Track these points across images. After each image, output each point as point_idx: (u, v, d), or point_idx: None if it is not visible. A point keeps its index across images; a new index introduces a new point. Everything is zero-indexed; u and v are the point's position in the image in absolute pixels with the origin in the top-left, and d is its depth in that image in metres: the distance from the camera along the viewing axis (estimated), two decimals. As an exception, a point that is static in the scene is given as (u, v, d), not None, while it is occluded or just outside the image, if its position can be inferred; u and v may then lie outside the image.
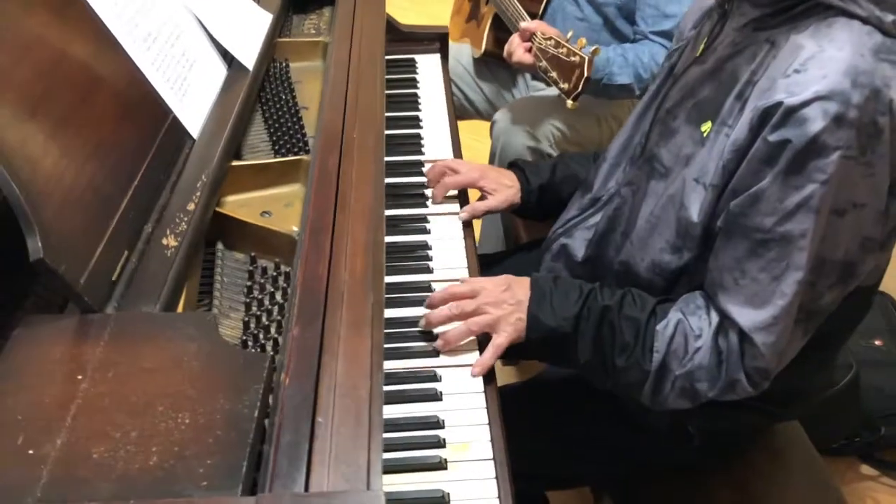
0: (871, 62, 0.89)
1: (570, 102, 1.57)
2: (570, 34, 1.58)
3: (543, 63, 1.62)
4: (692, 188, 1.03)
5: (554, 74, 1.59)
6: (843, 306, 1.03)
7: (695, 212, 1.02)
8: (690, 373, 1.02)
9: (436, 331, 1.10)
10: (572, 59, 1.53)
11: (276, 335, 0.93)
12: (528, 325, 1.07)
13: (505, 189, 1.37)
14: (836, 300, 1.01)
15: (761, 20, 1.01)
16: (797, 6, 0.97)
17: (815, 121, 0.88)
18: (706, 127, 1.04)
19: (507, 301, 1.09)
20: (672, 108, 1.13)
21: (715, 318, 1.02)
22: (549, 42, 1.60)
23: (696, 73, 1.10)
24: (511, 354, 1.12)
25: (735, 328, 0.99)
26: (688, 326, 1.03)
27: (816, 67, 0.90)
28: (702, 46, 1.12)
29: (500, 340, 1.07)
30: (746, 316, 0.98)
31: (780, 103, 0.90)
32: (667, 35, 1.70)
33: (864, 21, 0.92)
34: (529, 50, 1.67)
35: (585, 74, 1.51)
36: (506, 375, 1.95)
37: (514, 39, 1.71)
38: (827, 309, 1.01)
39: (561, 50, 1.56)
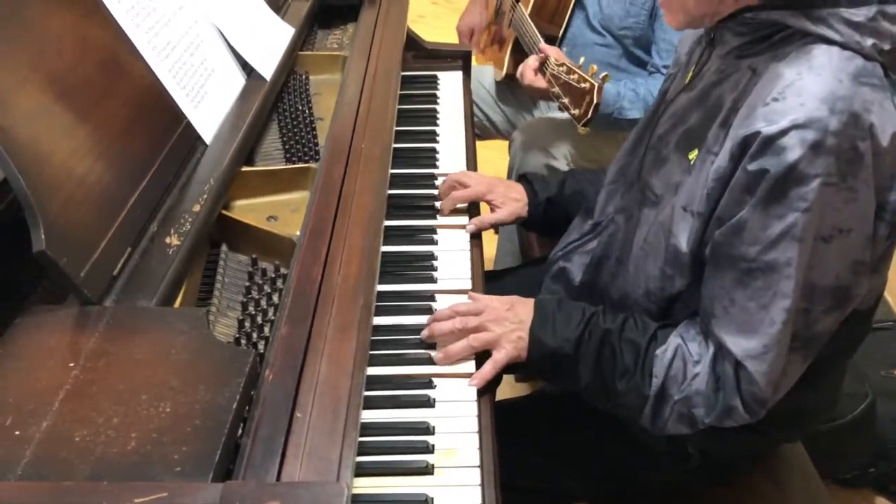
0: (850, 87, 0.89)
1: (581, 129, 1.58)
2: (581, 60, 1.60)
3: (556, 89, 1.64)
4: (680, 216, 1.04)
5: (566, 100, 1.61)
6: (837, 330, 1.02)
7: (683, 240, 1.03)
8: (688, 398, 1.03)
9: (438, 344, 1.12)
10: (583, 85, 1.55)
11: (269, 334, 0.96)
12: (530, 346, 1.09)
13: (512, 202, 1.39)
14: (835, 325, 1.00)
15: (743, 48, 1.01)
16: (776, 34, 0.97)
17: (793, 149, 0.88)
18: (693, 155, 1.05)
19: (510, 319, 1.10)
20: (663, 134, 1.14)
21: (713, 344, 1.02)
22: (561, 68, 1.62)
23: (684, 101, 1.11)
24: (519, 371, 1.13)
25: (730, 356, 0.99)
26: (686, 352, 1.03)
27: (794, 95, 0.90)
28: (690, 74, 1.13)
29: (499, 357, 1.09)
30: (738, 344, 0.98)
31: (758, 132, 0.90)
32: None
33: (843, 46, 0.91)
34: (543, 74, 1.69)
35: (595, 101, 1.52)
36: (518, 391, 1.95)
37: (528, 62, 1.73)
38: (826, 334, 1.00)
39: (572, 76, 1.58)
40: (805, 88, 0.90)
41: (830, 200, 0.90)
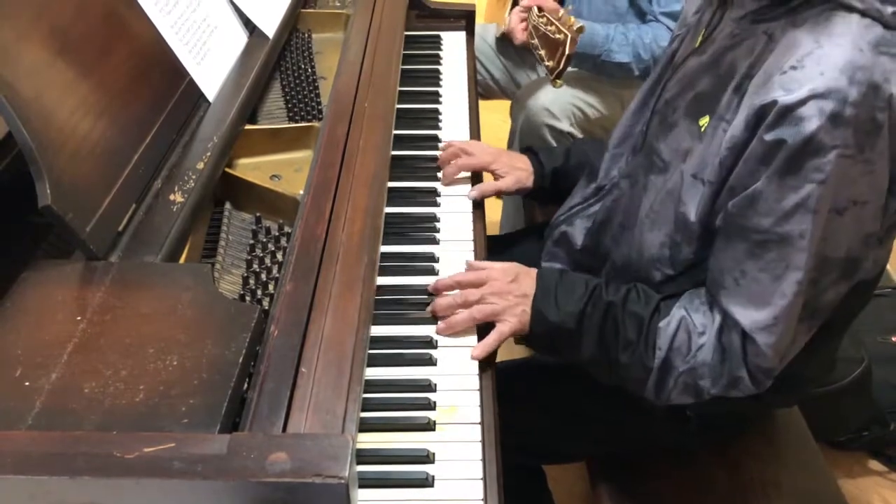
0: (870, 56, 0.87)
1: (554, 82, 1.57)
2: (561, 12, 1.59)
3: (535, 40, 1.63)
4: (690, 184, 1.02)
5: (542, 52, 1.60)
6: (842, 299, 1.02)
7: (693, 208, 1.02)
8: (693, 369, 1.02)
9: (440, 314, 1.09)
10: (557, 36, 1.54)
11: (273, 291, 0.96)
12: (533, 319, 1.07)
13: (516, 171, 1.37)
14: (841, 295, 1.00)
15: (759, 12, 0.99)
16: None
17: (811, 120, 0.86)
18: (704, 121, 1.03)
19: (513, 293, 1.09)
20: (671, 99, 1.13)
21: (718, 315, 1.01)
22: (541, 19, 1.61)
23: (694, 65, 1.09)
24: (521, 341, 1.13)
25: (737, 328, 0.99)
26: (691, 323, 1.02)
27: (813, 64, 0.88)
28: (700, 37, 1.12)
29: (504, 329, 1.07)
30: (748, 316, 0.97)
31: (775, 101, 0.88)
32: (675, 17, 1.70)
33: (863, 14, 0.89)
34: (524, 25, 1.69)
35: (567, 52, 1.51)
36: (518, 354, 1.96)
37: (514, 11, 1.74)
38: (831, 304, 1.00)
39: (550, 27, 1.57)
40: (824, 57, 0.87)
41: (847, 172, 0.88)
